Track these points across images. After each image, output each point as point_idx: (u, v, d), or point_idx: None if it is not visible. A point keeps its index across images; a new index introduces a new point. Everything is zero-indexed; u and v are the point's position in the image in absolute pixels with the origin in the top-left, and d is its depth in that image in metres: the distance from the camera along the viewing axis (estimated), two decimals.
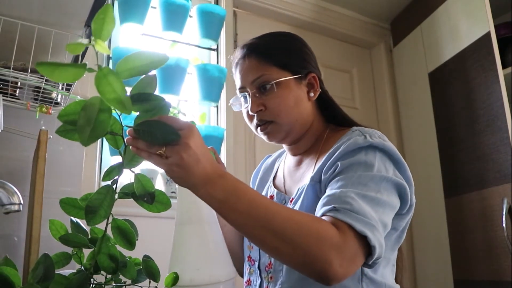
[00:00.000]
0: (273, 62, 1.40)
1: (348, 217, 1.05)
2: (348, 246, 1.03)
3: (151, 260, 1.14)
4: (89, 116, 0.76)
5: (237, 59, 1.49)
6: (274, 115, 1.38)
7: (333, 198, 1.11)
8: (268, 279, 1.32)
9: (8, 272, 0.96)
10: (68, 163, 2.25)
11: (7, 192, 1.76)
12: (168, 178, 2.53)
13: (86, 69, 0.76)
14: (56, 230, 1.14)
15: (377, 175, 1.17)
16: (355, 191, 1.12)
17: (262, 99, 1.39)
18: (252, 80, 1.40)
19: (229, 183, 1.03)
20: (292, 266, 1.07)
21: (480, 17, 2.76)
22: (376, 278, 1.26)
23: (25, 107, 1.88)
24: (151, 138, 0.91)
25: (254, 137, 3.08)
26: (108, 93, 0.77)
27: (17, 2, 1.59)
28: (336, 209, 1.07)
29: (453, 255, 2.94)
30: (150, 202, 1.03)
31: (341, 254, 1.01)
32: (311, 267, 1.00)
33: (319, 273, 1.00)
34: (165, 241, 2.40)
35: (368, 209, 1.09)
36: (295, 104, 1.39)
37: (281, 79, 1.38)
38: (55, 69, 0.74)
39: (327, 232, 1.02)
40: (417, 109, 3.47)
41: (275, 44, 1.46)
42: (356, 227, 1.04)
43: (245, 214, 1.01)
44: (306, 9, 3.52)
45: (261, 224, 1.01)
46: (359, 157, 1.21)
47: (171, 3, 2.59)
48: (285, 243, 1.00)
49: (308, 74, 1.44)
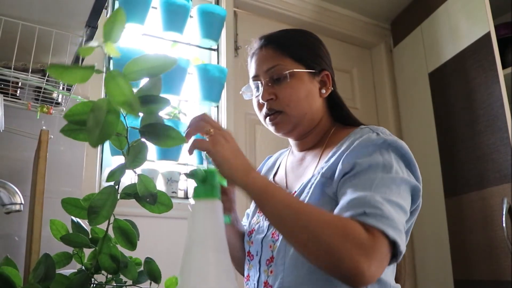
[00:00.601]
0: (288, 54, 1.42)
1: (380, 223, 1.06)
2: (379, 250, 1.04)
3: (153, 262, 1.14)
4: (98, 117, 0.76)
5: (254, 49, 1.51)
6: (284, 105, 1.39)
7: (361, 202, 1.11)
8: (268, 273, 1.31)
9: (9, 272, 0.96)
10: (69, 163, 2.26)
11: (8, 192, 1.76)
12: (169, 179, 2.53)
13: (94, 71, 0.77)
14: (57, 230, 1.14)
15: (397, 178, 1.18)
16: (381, 195, 1.12)
17: (274, 88, 1.41)
18: (267, 69, 1.42)
19: (263, 179, 1.15)
20: (320, 265, 1.07)
21: (480, 17, 2.76)
22: (382, 278, 1.26)
23: (26, 107, 1.88)
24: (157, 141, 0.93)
25: (255, 137, 3.08)
26: (117, 95, 0.77)
27: (18, 2, 1.58)
28: (366, 214, 1.07)
29: (453, 255, 2.94)
30: (153, 203, 1.03)
31: (371, 256, 1.01)
32: (337, 266, 1.02)
33: (345, 273, 1.01)
34: (166, 242, 2.41)
35: (395, 214, 1.10)
36: (306, 97, 1.41)
37: (294, 70, 1.40)
38: (64, 71, 0.74)
39: (355, 233, 1.03)
40: (417, 109, 3.48)
41: (292, 37, 1.49)
42: (389, 234, 1.05)
43: (278, 209, 1.09)
44: (306, 10, 3.53)
45: (291, 218, 1.07)
46: (376, 158, 1.21)
47: (171, 3, 2.59)
48: (312, 239, 1.04)
49: (322, 71, 1.47)
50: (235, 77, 3.02)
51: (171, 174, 2.55)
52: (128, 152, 0.96)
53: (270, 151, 2.52)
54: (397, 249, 1.08)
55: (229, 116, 2.88)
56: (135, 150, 0.96)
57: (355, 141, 1.27)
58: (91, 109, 0.78)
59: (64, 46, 1.78)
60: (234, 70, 3.01)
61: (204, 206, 1.00)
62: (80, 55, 1.83)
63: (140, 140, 0.96)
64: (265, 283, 1.32)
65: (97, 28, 1.74)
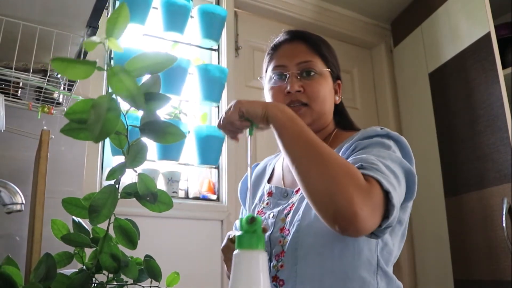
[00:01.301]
0: (319, 54, 1.48)
1: (376, 174, 1.10)
2: (373, 196, 1.06)
3: (152, 260, 1.14)
4: (99, 114, 0.77)
5: (281, 40, 1.54)
6: (311, 99, 1.43)
7: (358, 160, 1.16)
8: (277, 268, 1.31)
9: (10, 271, 0.96)
10: (70, 163, 2.26)
11: (9, 192, 1.77)
12: (169, 178, 2.54)
13: (96, 67, 0.77)
14: (58, 230, 1.14)
15: (393, 155, 1.23)
16: (377, 158, 1.17)
17: (302, 81, 1.44)
18: (298, 62, 1.46)
19: (288, 111, 1.21)
20: (317, 199, 1.09)
21: (480, 18, 2.76)
22: (389, 272, 1.29)
23: (27, 107, 1.89)
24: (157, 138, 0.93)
25: (256, 137, 3.08)
26: (120, 90, 0.78)
27: (19, 2, 1.59)
28: (363, 167, 1.12)
29: (453, 255, 2.95)
30: (153, 202, 1.03)
31: (366, 199, 1.04)
32: (332, 199, 1.04)
33: (339, 209, 1.03)
34: (167, 241, 2.42)
35: (388, 173, 1.14)
36: (329, 97, 1.49)
37: (325, 69, 1.47)
38: (68, 65, 0.75)
39: (357, 174, 1.07)
40: (418, 109, 3.48)
41: (320, 40, 1.54)
42: (383, 183, 1.08)
43: (296, 137, 1.16)
44: (307, 10, 3.53)
45: (305, 147, 1.13)
46: (376, 139, 1.28)
47: (172, 4, 2.59)
48: (317, 166, 1.08)
49: (337, 80, 1.55)
50: (236, 77, 3.02)
51: (171, 174, 2.55)
52: (128, 151, 0.96)
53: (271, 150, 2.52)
54: (390, 202, 1.09)
55: None
56: (135, 149, 0.96)
57: (358, 134, 1.34)
58: (92, 106, 0.78)
59: (65, 47, 1.78)
60: (235, 70, 3.01)
61: (250, 257, 0.97)
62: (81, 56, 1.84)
63: (140, 139, 0.96)
64: (274, 278, 1.31)
65: (98, 29, 1.75)
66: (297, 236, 1.27)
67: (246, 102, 1.18)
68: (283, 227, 1.34)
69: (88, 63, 0.77)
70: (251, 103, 1.19)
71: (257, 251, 0.96)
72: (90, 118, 0.77)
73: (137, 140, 0.96)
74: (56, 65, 0.74)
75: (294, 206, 1.35)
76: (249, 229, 0.97)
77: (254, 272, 0.95)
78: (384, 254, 1.28)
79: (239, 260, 0.96)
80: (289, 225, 1.31)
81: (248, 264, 0.96)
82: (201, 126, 2.65)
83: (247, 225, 0.97)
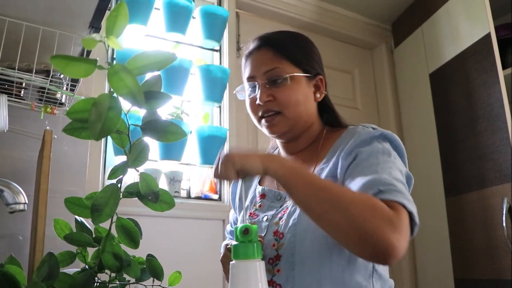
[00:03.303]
0: (287, 57, 1.43)
1: (398, 197, 1.08)
2: (402, 222, 1.05)
3: (154, 259, 1.15)
4: (100, 112, 0.77)
5: (251, 49, 1.50)
6: (283, 106, 1.40)
7: (373, 183, 1.13)
8: (273, 272, 1.30)
9: (13, 270, 0.96)
10: (73, 163, 2.27)
11: (12, 191, 1.77)
12: (171, 178, 2.55)
13: (97, 66, 0.78)
14: (60, 229, 1.14)
15: (397, 163, 1.23)
16: (388, 175, 1.15)
17: (272, 90, 1.41)
18: (265, 71, 1.42)
19: (289, 162, 1.17)
20: (349, 241, 1.07)
21: (481, 19, 2.77)
22: (383, 275, 1.29)
23: (30, 107, 1.89)
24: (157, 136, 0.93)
25: (257, 137, 3.09)
26: (121, 88, 0.79)
27: (22, 3, 1.59)
28: (382, 191, 1.09)
29: (454, 254, 2.95)
30: (155, 201, 1.03)
31: (399, 229, 1.02)
32: (366, 241, 1.01)
33: (376, 247, 1.01)
34: (169, 240, 2.43)
35: (404, 189, 1.13)
36: (304, 100, 1.43)
37: (294, 74, 1.41)
38: (68, 63, 0.76)
39: (381, 208, 1.04)
40: (418, 109, 3.48)
41: (289, 40, 1.49)
42: (407, 206, 1.07)
43: (308, 189, 1.10)
44: (308, 11, 3.53)
45: (321, 196, 1.08)
46: (376, 146, 1.26)
47: (174, 5, 2.60)
48: (341, 213, 1.04)
49: (317, 75, 1.49)
50: (237, 78, 3.01)
51: (173, 174, 2.56)
52: (130, 150, 0.97)
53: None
54: (414, 221, 1.09)
55: (231, 116, 2.89)
56: (137, 149, 0.97)
57: (352, 138, 1.31)
58: (93, 104, 0.79)
59: (68, 47, 1.79)
60: (236, 71, 3.01)
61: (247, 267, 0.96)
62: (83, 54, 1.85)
63: (141, 138, 0.96)
64: (270, 282, 1.30)
65: (100, 29, 1.76)
66: (294, 241, 1.27)
67: (240, 158, 1.12)
68: (276, 230, 1.33)
69: (89, 61, 0.77)
70: (246, 158, 1.13)
71: (254, 260, 0.96)
72: (91, 116, 0.78)
73: (139, 139, 0.96)
74: (57, 63, 0.75)
75: (288, 209, 1.34)
76: (244, 239, 0.97)
77: (252, 282, 0.94)
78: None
79: (237, 271, 0.96)
80: (284, 229, 1.30)
81: (246, 274, 0.95)
82: (203, 126, 2.66)
83: (242, 236, 0.97)
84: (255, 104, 1.44)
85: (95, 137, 0.77)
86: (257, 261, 0.96)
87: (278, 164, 1.14)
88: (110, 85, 0.79)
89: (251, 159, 1.12)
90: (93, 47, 0.78)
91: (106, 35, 0.80)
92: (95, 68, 0.79)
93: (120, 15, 0.79)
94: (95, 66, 0.78)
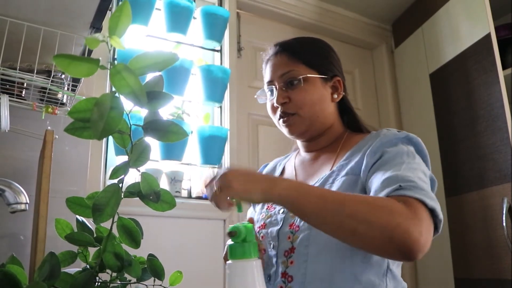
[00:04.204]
0: (302, 60, 1.48)
1: (417, 193, 1.08)
2: (422, 218, 1.05)
3: (155, 259, 1.15)
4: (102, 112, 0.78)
5: (269, 55, 1.56)
6: (297, 108, 1.45)
7: (394, 179, 1.14)
8: (287, 264, 1.32)
9: (14, 270, 0.96)
10: (74, 163, 2.27)
11: (14, 191, 1.78)
12: (172, 178, 2.55)
13: (99, 66, 0.79)
14: (62, 229, 1.15)
15: (422, 165, 1.25)
16: (411, 174, 1.16)
17: (288, 92, 1.47)
18: (281, 74, 1.48)
19: (292, 181, 1.12)
20: (373, 246, 1.06)
21: (481, 19, 2.77)
22: (397, 274, 1.32)
23: (31, 107, 1.89)
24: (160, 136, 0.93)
25: (258, 137, 3.10)
26: (123, 87, 0.79)
27: (23, 3, 1.59)
28: (402, 188, 1.10)
29: (454, 254, 2.95)
30: (156, 201, 1.04)
31: (419, 224, 1.02)
32: (391, 241, 1.01)
33: (401, 244, 1.00)
34: (170, 240, 2.43)
35: (427, 187, 1.14)
36: (319, 100, 1.47)
37: (308, 75, 1.46)
38: (70, 62, 0.76)
39: (397, 207, 1.04)
40: (418, 110, 3.49)
41: (305, 44, 1.56)
42: (427, 202, 1.07)
43: (319, 204, 1.06)
44: (308, 11, 3.54)
45: (335, 210, 1.05)
46: (401, 148, 1.27)
47: (175, 5, 2.61)
48: (361, 223, 1.02)
49: (334, 77, 1.53)
50: (238, 78, 3.03)
51: (174, 174, 2.57)
52: (131, 150, 0.97)
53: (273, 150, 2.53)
54: (437, 217, 1.09)
55: (232, 116, 2.89)
56: (138, 149, 0.97)
57: (377, 139, 1.33)
58: (95, 104, 0.79)
59: (69, 47, 1.80)
60: (237, 71, 3.02)
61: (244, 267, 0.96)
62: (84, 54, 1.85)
63: (143, 139, 0.97)
64: (283, 274, 1.32)
65: (101, 30, 1.76)
66: (309, 234, 1.28)
67: (239, 185, 1.08)
68: (292, 223, 1.35)
69: (91, 60, 0.78)
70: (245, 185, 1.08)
71: (251, 260, 0.96)
72: (93, 116, 0.78)
73: (140, 139, 0.97)
74: (59, 62, 0.75)
75: None
76: (237, 239, 0.97)
77: (249, 282, 0.94)
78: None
79: (233, 271, 0.96)
80: (300, 221, 1.32)
81: (242, 274, 0.95)
82: (203, 126, 2.66)
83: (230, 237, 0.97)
84: (273, 107, 1.51)
85: (97, 137, 0.77)
86: (253, 261, 0.96)
87: (281, 186, 1.09)
88: (113, 84, 0.80)
89: (251, 187, 1.09)
90: (96, 46, 0.79)
91: (109, 35, 0.80)
92: (97, 68, 0.79)
93: (123, 15, 0.80)
94: (98, 66, 0.79)
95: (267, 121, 3.11)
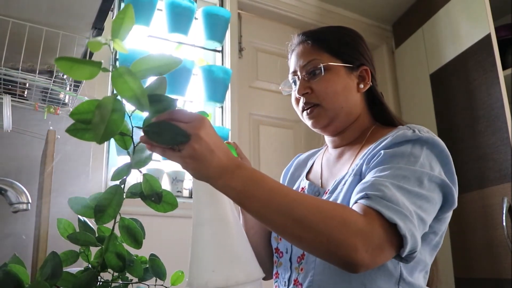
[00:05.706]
0: (325, 49, 1.41)
1: (377, 204, 1.01)
2: (375, 233, 0.99)
3: (157, 259, 1.16)
4: (103, 115, 0.77)
5: (294, 45, 1.49)
6: (320, 98, 1.37)
7: (366, 186, 1.08)
8: (298, 271, 1.28)
9: (17, 269, 0.97)
10: (76, 163, 2.27)
11: (16, 191, 1.78)
12: (174, 178, 2.56)
13: (101, 69, 0.79)
14: (64, 229, 1.15)
15: (419, 170, 1.14)
16: (391, 181, 1.08)
17: (310, 82, 1.39)
18: (304, 64, 1.41)
19: (246, 173, 0.99)
20: (317, 254, 1.04)
21: (481, 19, 2.78)
22: (414, 283, 1.22)
23: (33, 107, 1.90)
24: (160, 140, 0.90)
25: (259, 137, 3.10)
26: (125, 91, 0.79)
27: (26, 4, 1.60)
28: (367, 196, 1.04)
29: (454, 253, 2.96)
30: (158, 202, 1.04)
31: (367, 240, 0.97)
32: (335, 254, 0.96)
33: (344, 260, 0.96)
34: (172, 240, 2.43)
35: (402, 199, 1.05)
36: (343, 90, 1.38)
37: (329, 63, 1.38)
38: (72, 65, 0.76)
39: (351, 217, 0.98)
40: (419, 110, 3.49)
41: (330, 33, 1.47)
42: (384, 214, 1.00)
43: (264, 203, 0.98)
44: (309, 11, 3.54)
45: (282, 212, 0.97)
46: (404, 149, 1.18)
47: (177, 6, 2.61)
48: (307, 230, 0.97)
49: (361, 66, 1.45)
50: (239, 78, 3.04)
51: (176, 174, 2.57)
52: (133, 151, 0.97)
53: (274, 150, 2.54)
54: (399, 234, 1.01)
55: (233, 116, 2.90)
56: (140, 150, 0.98)
57: (389, 137, 1.24)
58: (97, 106, 0.78)
59: (71, 48, 1.80)
60: (238, 71, 3.03)
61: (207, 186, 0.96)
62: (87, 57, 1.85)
63: None
64: (295, 281, 1.28)
65: (103, 30, 1.76)
66: None
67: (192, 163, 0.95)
68: None
69: (94, 63, 0.77)
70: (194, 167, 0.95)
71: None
72: (94, 118, 0.78)
73: None
74: (61, 65, 0.75)
75: None
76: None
77: (213, 200, 0.99)
78: (409, 265, 1.19)
79: (197, 190, 0.99)
80: None
81: (210, 193, 1.00)
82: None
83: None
84: (296, 98, 1.44)
85: (98, 140, 0.77)
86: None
87: (232, 175, 0.97)
88: (115, 87, 0.79)
89: (201, 168, 0.95)
90: (98, 49, 0.77)
91: (112, 38, 0.79)
92: (99, 71, 0.78)
93: (126, 18, 0.79)
94: (100, 69, 0.78)
95: (268, 121, 3.13)
